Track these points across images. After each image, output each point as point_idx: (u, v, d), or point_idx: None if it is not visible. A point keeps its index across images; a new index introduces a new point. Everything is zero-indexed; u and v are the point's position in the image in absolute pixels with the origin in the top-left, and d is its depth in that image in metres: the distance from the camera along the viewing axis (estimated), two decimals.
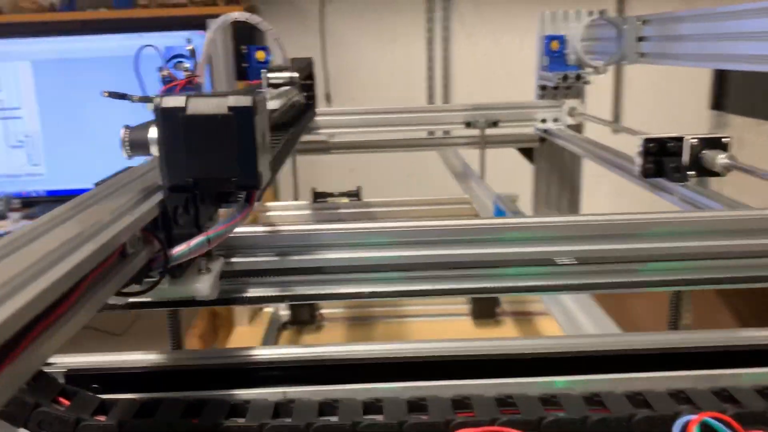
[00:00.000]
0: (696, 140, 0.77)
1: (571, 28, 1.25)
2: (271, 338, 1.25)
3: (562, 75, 1.21)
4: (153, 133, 0.36)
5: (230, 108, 0.35)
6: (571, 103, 1.26)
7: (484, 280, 0.42)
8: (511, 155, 1.49)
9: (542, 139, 1.33)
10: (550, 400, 0.39)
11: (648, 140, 0.79)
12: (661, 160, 0.80)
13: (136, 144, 0.37)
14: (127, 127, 0.38)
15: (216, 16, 2.31)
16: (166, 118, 0.35)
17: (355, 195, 1.23)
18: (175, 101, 0.35)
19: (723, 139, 0.76)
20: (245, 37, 2.46)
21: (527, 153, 1.40)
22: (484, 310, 1.28)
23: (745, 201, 0.70)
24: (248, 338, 1.26)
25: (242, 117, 0.35)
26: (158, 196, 0.36)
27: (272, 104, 0.67)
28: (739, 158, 0.73)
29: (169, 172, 0.35)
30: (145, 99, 0.68)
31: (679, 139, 0.78)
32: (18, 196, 2.49)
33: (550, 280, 0.42)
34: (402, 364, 0.41)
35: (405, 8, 2.55)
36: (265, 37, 2.61)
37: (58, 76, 2.63)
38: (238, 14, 0.70)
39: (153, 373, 0.42)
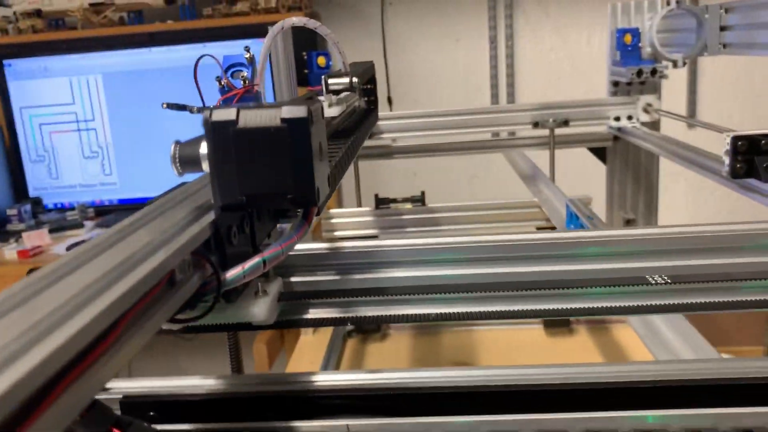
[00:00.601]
0: None
1: (645, 19, 1.18)
2: (335, 348, 1.23)
3: (636, 70, 1.14)
4: (204, 148, 0.34)
5: (283, 120, 0.32)
6: (646, 99, 1.19)
7: (562, 301, 0.38)
8: (581, 156, 1.43)
9: (616, 138, 1.26)
10: None
11: (736, 137, 0.73)
12: (753, 159, 0.73)
13: (186, 160, 0.35)
14: (177, 142, 0.36)
15: None
16: (216, 132, 0.32)
17: (419, 200, 1.20)
18: (226, 114, 0.32)
19: None
20: (307, 43, 2.46)
21: (599, 153, 1.33)
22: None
23: None
24: (313, 348, 1.24)
25: (297, 129, 0.32)
26: (209, 217, 0.34)
27: (331, 111, 0.64)
28: None
29: (221, 190, 0.33)
30: (204, 110, 0.66)
31: None
32: (92, 205, 2.58)
33: (638, 300, 0.37)
34: (477, 394, 0.37)
35: (467, 8, 2.50)
36: (326, 43, 2.59)
37: (127, 88, 2.71)
38: (296, 19, 0.68)
39: (211, 401, 0.40)
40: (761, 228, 0.39)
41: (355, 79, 0.67)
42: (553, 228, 1.15)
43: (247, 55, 0.69)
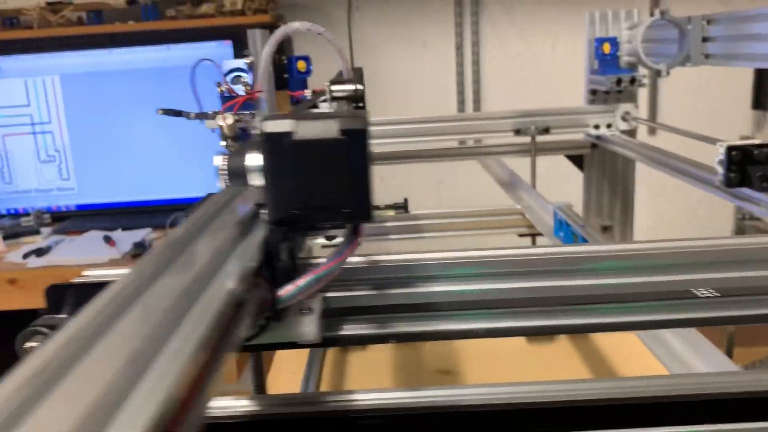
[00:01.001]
0: None
1: (623, 28, 1.20)
2: (316, 360, 1.21)
3: (615, 78, 1.16)
4: (251, 161, 0.32)
5: (343, 131, 0.31)
6: (624, 107, 1.21)
7: (610, 315, 0.38)
8: (554, 163, 1.44)
9: (593, 146, 1.28)
10: None
11: (731, 147, 0.75)
12: (746, 168, 0.75)
13: (235, 173, 0.33)
14: (223, 154, 0.34)
15: (245, 26, 2.32)
16: (271, 144, 0.31)
17: (402, 207, 1.19)
18: (282, 125, 0.31)
19: None
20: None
21: (576, 160, 1.35)
22: None
23: None
24: (292, 360, 1.22)
25: (356, 141, 0.31)
26: (259, 233, 0.32)
27: None
28: None
29: (275, 203, 0.32)
30: (202, 116, 0.64)
31: (765, 146, 0.73)
32: (48, 210, 2.50)
33: (684, 313, 0.37)
34: (507, 412, 0.36)
35: (434, 13, 2.51)
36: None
37: (86, 90, 2.63)
38: (299, 24, 0.66)
39: (237, 424, 0.38)
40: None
41: (359, 87, 0.65)
42: (537, 234, 1.16)
43: (249, 60, 0.67)
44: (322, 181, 0.31)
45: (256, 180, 0.32)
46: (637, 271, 0.39)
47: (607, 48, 1.20)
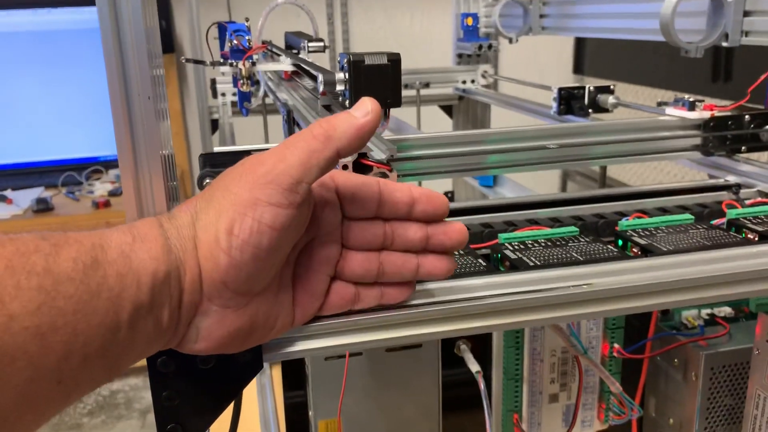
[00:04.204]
0: (593, 88, 1.11)
1: (481, 6, 1.58)
2: None
3: (477, 45, 1.53)
4: (340, 76, 0.63)
5: (389, 60, 0.62)
6: (483, 67, 1.59)
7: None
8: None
9: (460, 98, 1.65)
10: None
11: (560, 89, 1.13)
12: (570, 102, 1.14)
13: (329, 82, 0.63)
14: (322, 71, 0.63)
15: None
16: (355, 67, 0.61)
17: None
18: (358, 57, 0.61)
19: (611, 87, 1.12)
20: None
21: (446, 109, 1.72)
22: None
23: None
24: None
25: (395, 65, 0.62)
26: None
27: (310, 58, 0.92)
28: None
29: (355, 98, 0.62)
30: (218, 63, 0.91)
31: (582, 88, 1.12)
32: None
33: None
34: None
35: None
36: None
37: None
38: (282, 0, 0.95)
39: None
40: (607, 124, 0.76)
41: (327, 44, 0.95)
42: None
43: (248, 24, 0.94)
44: (378, 85, 0.62)
45: (340, 86, 0.62)
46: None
47: (470, 21, 1.56)
